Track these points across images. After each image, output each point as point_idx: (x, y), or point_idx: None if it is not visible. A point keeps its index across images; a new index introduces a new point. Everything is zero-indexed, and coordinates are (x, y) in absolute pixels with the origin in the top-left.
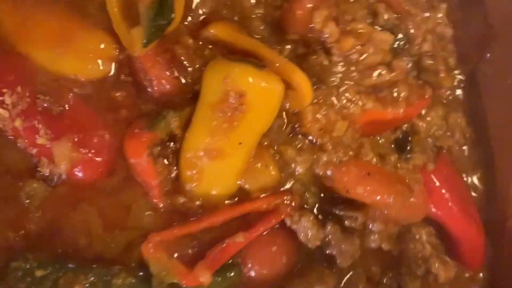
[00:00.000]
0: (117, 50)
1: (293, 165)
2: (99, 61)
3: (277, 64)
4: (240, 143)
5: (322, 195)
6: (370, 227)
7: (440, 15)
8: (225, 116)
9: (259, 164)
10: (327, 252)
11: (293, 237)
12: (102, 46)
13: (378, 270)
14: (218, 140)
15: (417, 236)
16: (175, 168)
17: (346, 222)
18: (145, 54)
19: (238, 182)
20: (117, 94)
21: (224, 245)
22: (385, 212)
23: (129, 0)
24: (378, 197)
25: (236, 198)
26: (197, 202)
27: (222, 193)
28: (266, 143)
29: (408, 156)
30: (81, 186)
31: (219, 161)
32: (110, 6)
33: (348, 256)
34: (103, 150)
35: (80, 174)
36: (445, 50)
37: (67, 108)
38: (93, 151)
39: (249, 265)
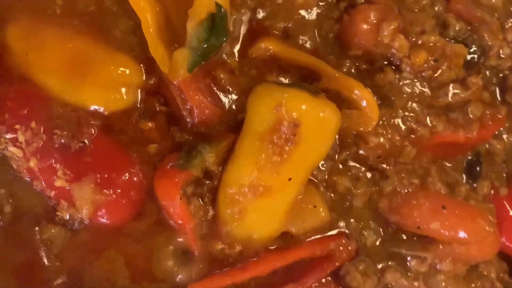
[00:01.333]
0: (144, 77)
1: (348, 199)
2: (123, 90)
3: (338, 81)
4: (289, 179)
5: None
6: (436, 267)
7: None
8: (275, 148)
9: (306, 204)
10: None
11: None
12: (127, 72)
13: None
14: (266, 175)
15: (485, 273)
16: (211, 208)
17: (412, 263)
18: (185, 80)
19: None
20: (147, 125)
21: None
22: (456, 250)
23: (166, 22)
24: (456, 234)
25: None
26: (238, 248)
27: (265, 236)
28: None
29: (476, 182)
30: (105, 231)
31: (265, 198)
32: (146, 27)
33: None
34: (131, 190)
35: (104, 219)
36: None
37: (87, 144)
38: (118, 191)
39: None
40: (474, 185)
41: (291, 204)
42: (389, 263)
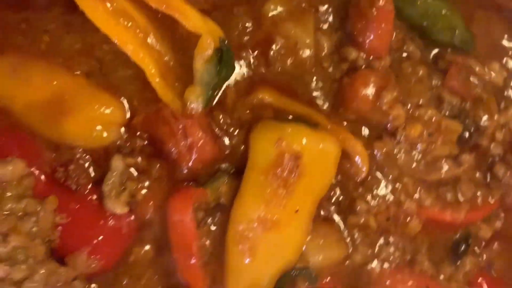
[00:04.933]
0: (128, 115)
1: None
2: (106, 128)
3: (331, 132)
4: (296, 211)
5: None
6: None
7: None
8: (279, 182)
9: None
10: None
11: None
12: (109, 111)
13: None
14: (273, 209)
15: None
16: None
17: None
18: (188, 117)
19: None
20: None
21: None
22: None
23: (165, 65)
24: None
25: None
26: None
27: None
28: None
29: (460, 261)
30: None
31: (274, 233)
32: (151, 77)
33: None
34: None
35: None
36: None
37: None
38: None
39: None
40: (458, 263)
41: (300, 239)
42: None
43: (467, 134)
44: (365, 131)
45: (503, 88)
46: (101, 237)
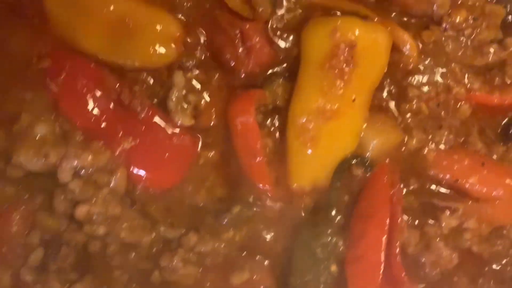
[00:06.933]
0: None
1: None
2: (166, 46)
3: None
4: (354, 100)
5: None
6: (463, 225)
7: None
8: (336, 72)
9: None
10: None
11: None
12: (168, 28)
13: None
14: (331, 99)
15: (504, 232)
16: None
17: (443, 216)
18: (247, 24)
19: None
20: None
21: None
22: (483, 210)
23: None
24: (492, 190)
25: None
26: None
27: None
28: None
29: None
30: None
31: (334, 121)
32: None
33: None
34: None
35: None
36: None
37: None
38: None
39: None
40: (509, 145)
41: (359, 126)
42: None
43: (510, 18)
44: (412, 22)
45: None
46: (167, 155)
